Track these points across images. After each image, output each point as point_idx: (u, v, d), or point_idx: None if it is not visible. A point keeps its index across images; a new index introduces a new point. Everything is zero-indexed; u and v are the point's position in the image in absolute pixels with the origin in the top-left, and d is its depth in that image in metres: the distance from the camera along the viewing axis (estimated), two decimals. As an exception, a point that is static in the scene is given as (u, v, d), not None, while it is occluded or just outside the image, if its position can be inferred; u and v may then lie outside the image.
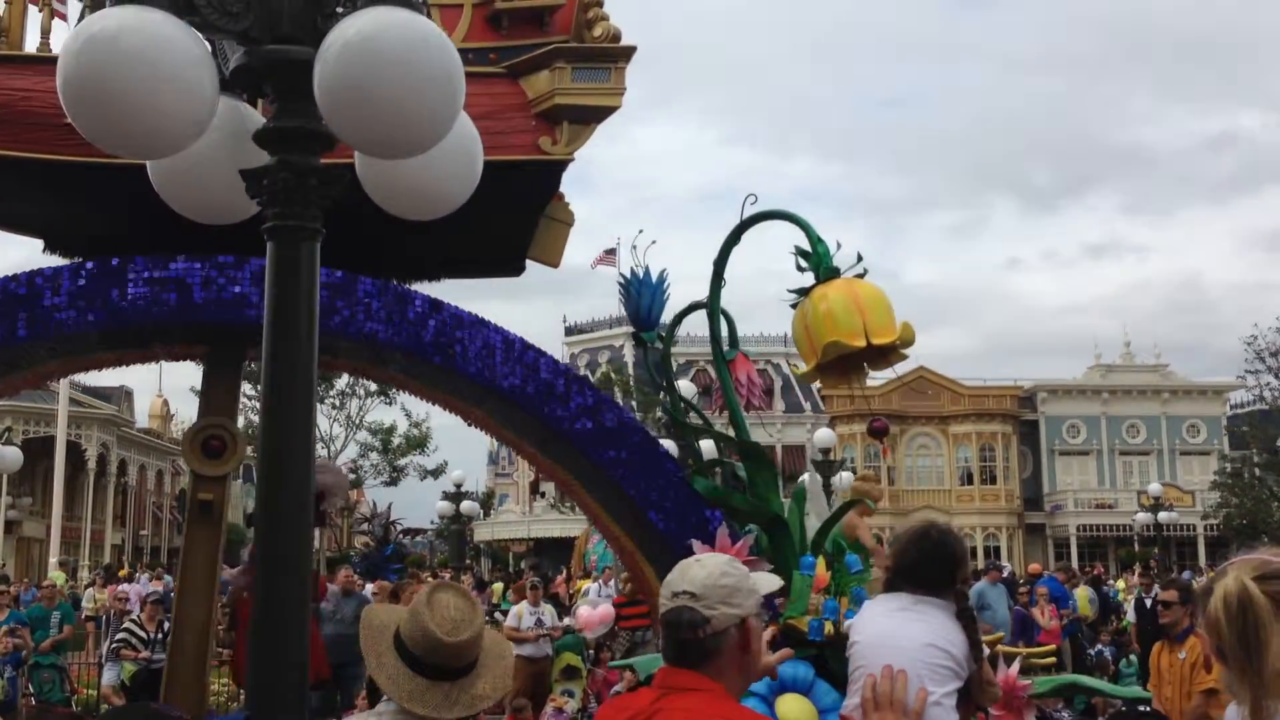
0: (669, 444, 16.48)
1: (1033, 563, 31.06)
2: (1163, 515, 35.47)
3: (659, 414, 41.69)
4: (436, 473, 38.92)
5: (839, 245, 5.91)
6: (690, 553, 5.45)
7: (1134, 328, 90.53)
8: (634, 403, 46.89)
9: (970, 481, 52.34)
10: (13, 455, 16.85)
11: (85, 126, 3.35)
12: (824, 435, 23.83)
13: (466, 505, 34.08)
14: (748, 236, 6.19)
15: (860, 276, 5.88)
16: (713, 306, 6.09)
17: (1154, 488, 39.04)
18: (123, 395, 50.32)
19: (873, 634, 2.99)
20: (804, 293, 5.88)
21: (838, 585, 5.53)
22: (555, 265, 6.72)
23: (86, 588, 23.93)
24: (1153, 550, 37.83)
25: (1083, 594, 17.25)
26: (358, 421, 35.51)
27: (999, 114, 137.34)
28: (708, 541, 5.52)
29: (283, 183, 3.50)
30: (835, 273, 5.80)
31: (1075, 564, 39.38)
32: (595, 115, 6.07)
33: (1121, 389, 54.56)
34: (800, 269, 5.94)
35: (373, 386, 36.54)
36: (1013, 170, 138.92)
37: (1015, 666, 4.86)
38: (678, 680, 2.45)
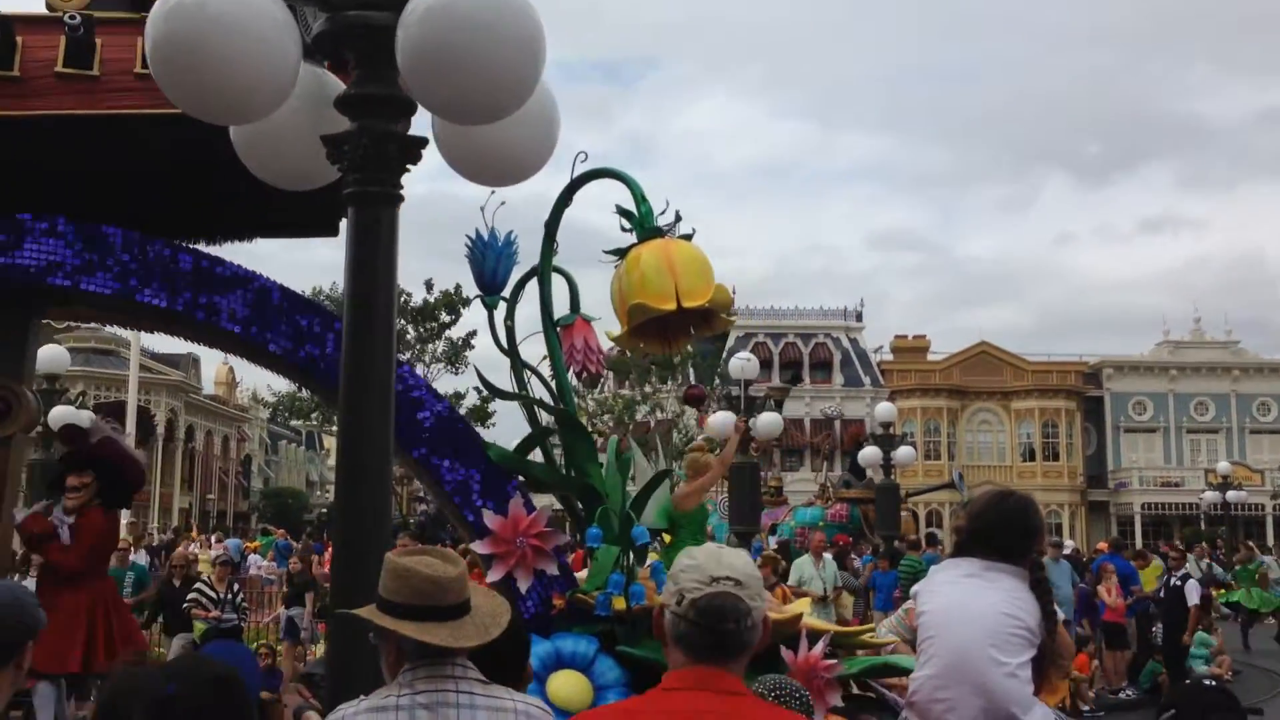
0: (725, 416, 16.54)
1: (1097, 540, 30.64)
2: (1231, 494, 34.76)
3: (716, 385, 41.63)
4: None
5: (667, 208, 5.67)
6: (480, 520, 5.30)
7: (1195, 304, 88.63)
8: (692, 375, 46.86)
9: (1032, 458, 51.73)
10: (85, 418, 17.17)
11: (172, 91, 3.39)
12: (884, 409, 23.59)
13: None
14: (798, 213, 5.99)
15: (688, 238, 5.68)
16: (543, 270, 5.82)
17: (1223, 466, 38.23)
18: (190, 362, 51.27)
19: (943, 603, 2.89)
20: (622, 254, 5.65)
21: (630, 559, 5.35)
22: None
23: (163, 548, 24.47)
24: (1220, 529, 37.17)
25: (1152, 570, 16.96)
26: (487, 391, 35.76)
27: (1048, 87, 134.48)
28: (501, 511, 5.33)
29: (363, 149, 3.52)
30: (657, 232, 5.57)
31: (1139, 542, 38.79)
32: None
33: (1190, 366, 53.56)
34: (624, 229, 5.72)
35: (440, 351, 36.68)
36: (1064, 144, 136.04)
37: (820, 645, 4.71)
38: (721, 681, 2.23)
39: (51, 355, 14.98)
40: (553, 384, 5.91)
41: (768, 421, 17.70)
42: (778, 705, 2.79)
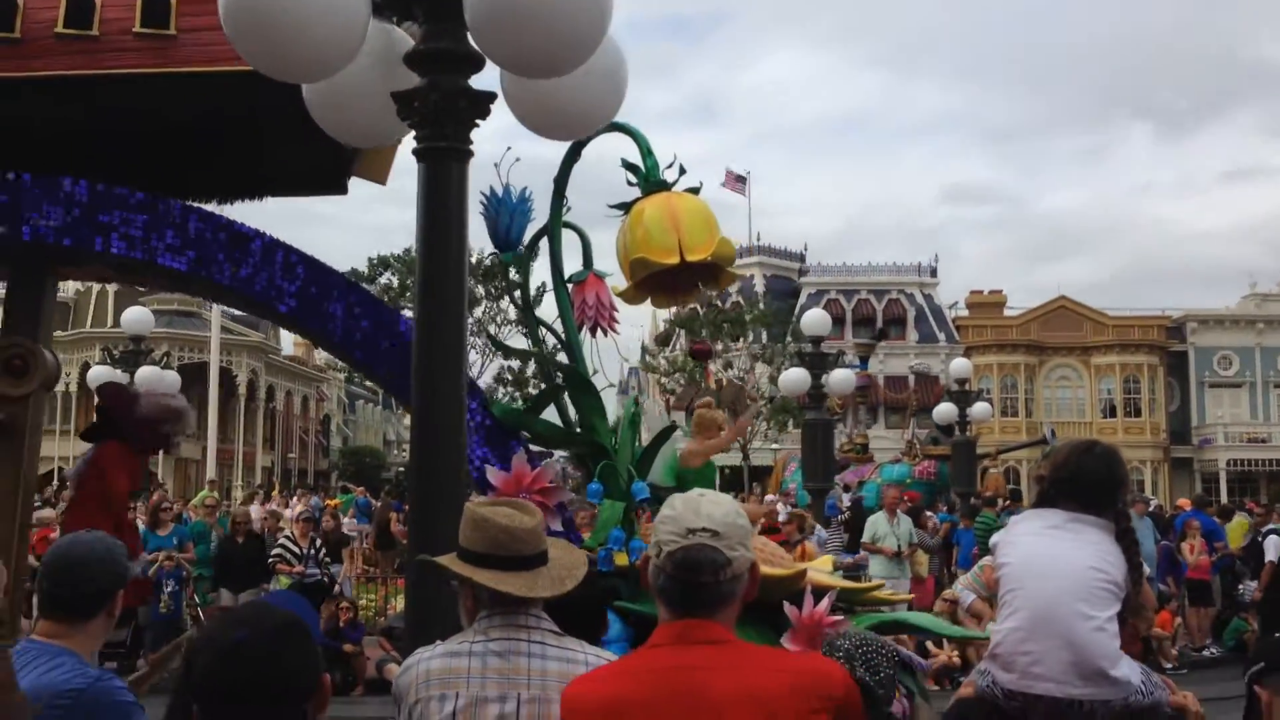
0: (799, 374, 16.44)
1: (1180, 497, 30.07)
2: (1320, 450, 33.82)
3: (788, 342, 41.38)
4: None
5: (674, 162, 5.47)
6: (484, 477, 5.26)
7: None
8: (764, 334, 46.66)
9: (1113, 414, 50.77)
10: (171, 379, 17.64)
11: (244, 49, 3.43)
12: (960, 365, 23.28)
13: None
14: (871, 167, 5.85)
15: (695, 191, 5.55)
16: (553, 227, 5.72)
17: (1312, 422, 37.22)
18: (270, 323, 52.22)
19: (1026, 555, 2.83)
20: (627, 208, 5.55)
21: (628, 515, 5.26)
22: (382, 183, 6.52)
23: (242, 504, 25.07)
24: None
25: (1237, 526, 16.62)
26: (495, 351, 36.02)
27: (1129, 34, 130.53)
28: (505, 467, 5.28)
29: (433, 104, 3.54)
30: (663, 186, 5.44)
31: (1224, 499, 37.97)
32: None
33: (1278, 319, 52.06)
34: (630, 183, 5.61)
35: (511, 314, 36.86)
36: (1144, 92, 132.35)
37: (825, 602, 4.63)
38: (705, 632, 2.20)
39: (137, 317, 15.36)
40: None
41: (840, 378, 17.59)
42: (757, 645, 2.78)
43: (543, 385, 5.88)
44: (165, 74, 5.34)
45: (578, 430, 5.65)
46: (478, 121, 3.66)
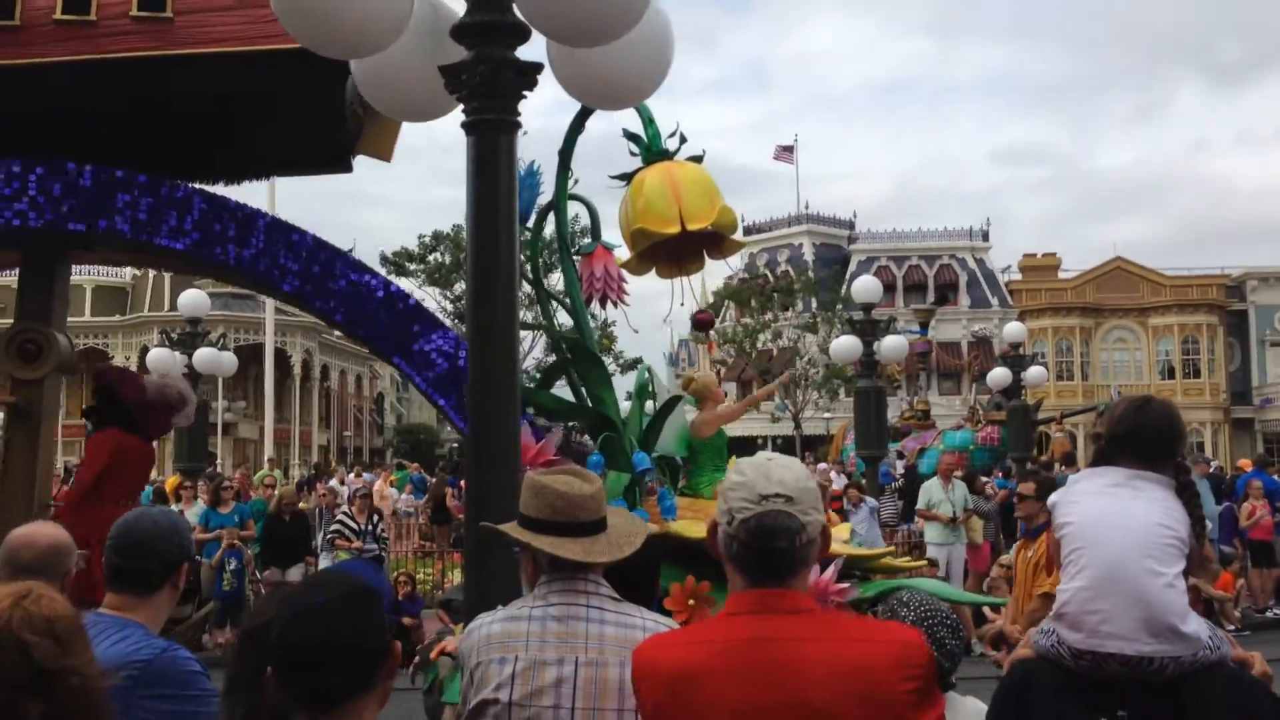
0: (850, 341, 16.34)
1: (1241, 458, 29.58)
2: (1387, 409, 33.09)
3: (839, 309, 41.12)
4: (627, 366, 39.28)
5: (677, 132, 5.34)
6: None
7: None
8: (814, 301, 46.38)
9: (1171, 375, 49.96)
10: (228, 360, 17.88)
11: (292, 27, 3.46)
12: (1014, 329, 23.00)
13: (651, 406, 34.37)
14: (918, 131, 5.72)
15: (697, 160, 5.43)
16: (558, 199, 5.67)
17: (1377, 380, 36.41)
18: (322, 304, 52.75)
19: (1090, 514, 2.79)
20: (629, 178, 5.47)
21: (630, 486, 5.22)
22: (387, 160, 6.49)
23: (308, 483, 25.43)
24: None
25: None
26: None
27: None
28: None
29: (480, 76, 3.54)
30: (664, 155, 5.36)
31: (1287, 461, 37.26)
32: None
33: (1342, 275, 50.93)
34: (632, 153, 5.55)
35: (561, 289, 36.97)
36: (1198, 45, 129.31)
37: (831, 570, 4.54)
38: (786, 601, 2.16)
39: (193, 300, 15.59)
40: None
41: (893, 345, 17.44)
42: (841, 612, 2.76)
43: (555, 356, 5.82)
44: (164, 57, 5.39)
45: (587, 404, 5.63)
46: (525, 93, 3.66)
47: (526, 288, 5.30)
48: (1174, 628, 2.59)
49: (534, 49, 3.74)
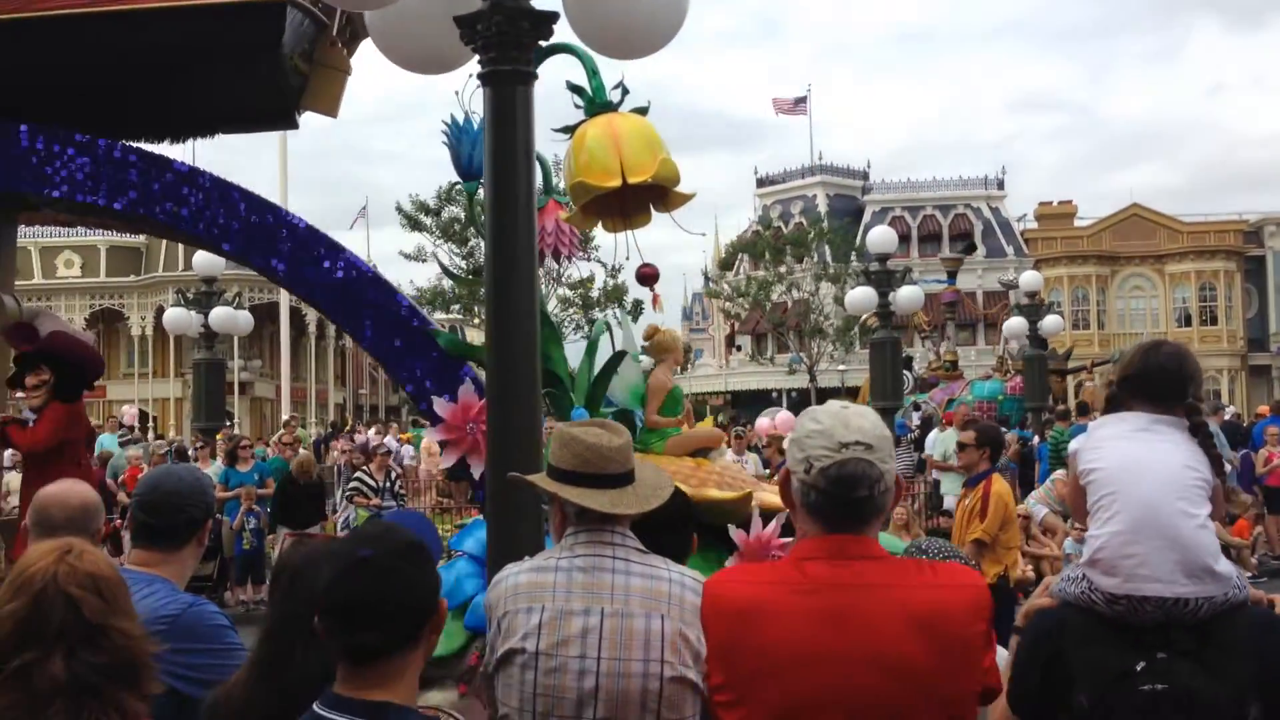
0: (865, 293, 16.29)
1: (1259, 405, 29.48)
2: (1407, 354, 32.87)
3: (854, 263, 40.93)
4: (634, 314, 39.31)
5: (620, 82, 5.12)
6: (432, 409, 5.21)
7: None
8: (828, 252, 46.19)
9: (1189, 323, 49.71)
10: (244, 319, 17.92)
11: (306, -20, 3.41)
12: (1030, 278, 22.86)
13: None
14: (932, 80, 5.61)
15: (642, 111, 5.36)
16: None
17: (1398, 325, 36.15)
18: (335, 262, 52.78)
19: (1119, 459, 2.77)
20: (571, 130, 5.34)
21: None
22: (333, 115, 6.40)
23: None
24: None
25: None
26: (557, 277, 36.20)
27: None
28: (452, 397, 5.22)
29: (496, 27, 3.51)
30: (609, 107, 5.23)
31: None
32: None
33: (1362, 220, 50.45)
34: (576, 105, 5.40)
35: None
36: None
37: (774, 524, 4.53)
38: (862, 547, 2.20)
39: (208, 260, 15.59)
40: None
41: (908, 296, 17.37)
42: (910, 559, 2.77)
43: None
44: (94, 14, 5.36)
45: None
46: (540, 42, 3.63)
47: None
48: (1209, 568, 2.59)
49: (549, -2, 3.70)
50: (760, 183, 57.29)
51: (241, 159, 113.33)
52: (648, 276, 6.67)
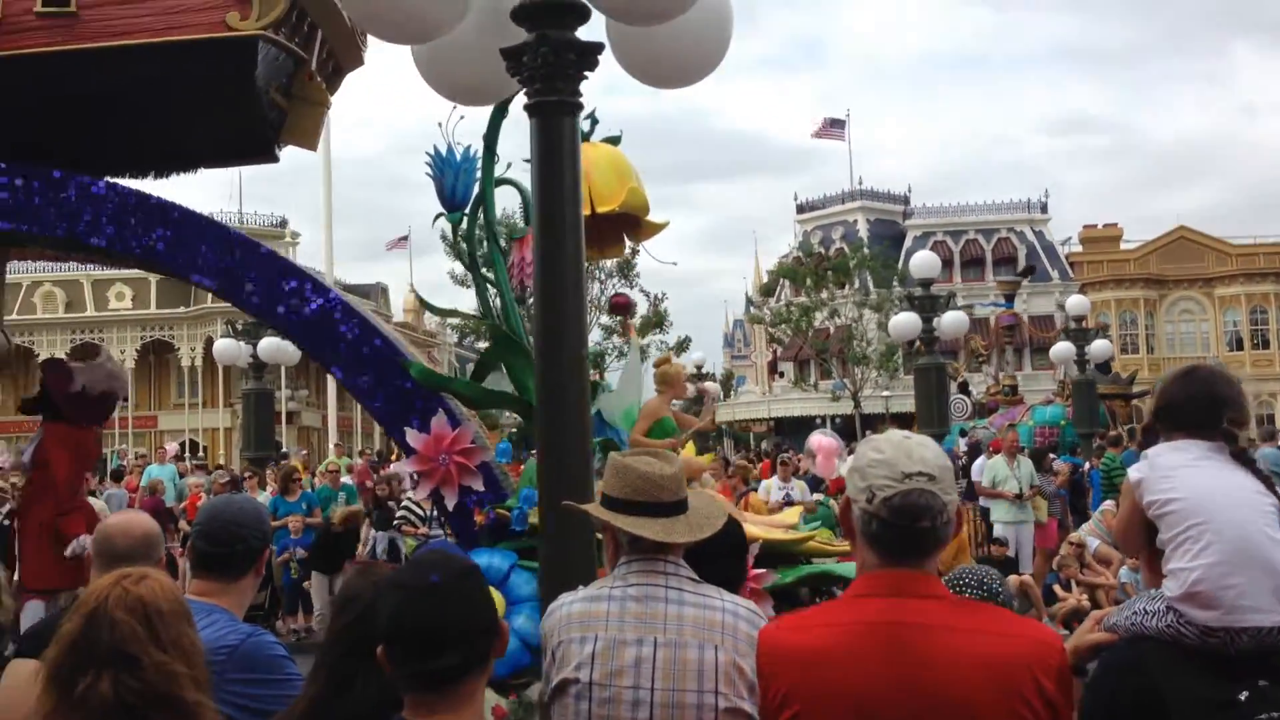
0: (909, 318, 16.19)
1: (1314, 430, 28.91)
2: None
3: (895, 287, 40.68)
4: (680, 348, 39.32)
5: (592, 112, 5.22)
6: (404, 439, 5.19)
7: None
8: (870, 277, 45.98)
9: (1240, 347, 48.92)
10: (292, 349, 18.10)
11: (356, 13, 3.47)
12: (1077, 302, 22.65)
13: (708, 387, 34.44)
14: (971, 105, 5.61)
15: (615, 141, 5.29)
16: (485, 185, 5.58)
17: None
18: (379, 291, 53.28)
19: (1198, 488, 2.68)
20: None
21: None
22: (313, 148, 6.45)
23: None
24: None
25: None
26: (601, 305, 36.33)
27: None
28: (423, 429, 5.22)
29: (542, 58, 3.54)
30: (580, 137, 5.37)
31: (1362, 431, 36.33)
32: None
33: None
34: None
35: (609, 264, 36.91)
36: (1258, 5, 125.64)
37: (749, 558, 4.44)
38: (922, 585, 2.17)
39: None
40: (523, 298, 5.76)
41: (952, 321, 17.26)
42: (977, 602, 2.72)
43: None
44: (69, 52, 5.45)
45: (501, 390, 5.61)
46: (586, 73, 3.65)
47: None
48: None
49: (594, 29, 3.73)
50: (801, 209, 57.22)
51: (284, 190, 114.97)
52: (619, 306, 6.55)
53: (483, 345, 38.36)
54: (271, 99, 5.81)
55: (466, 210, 5.65)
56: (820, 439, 13.43)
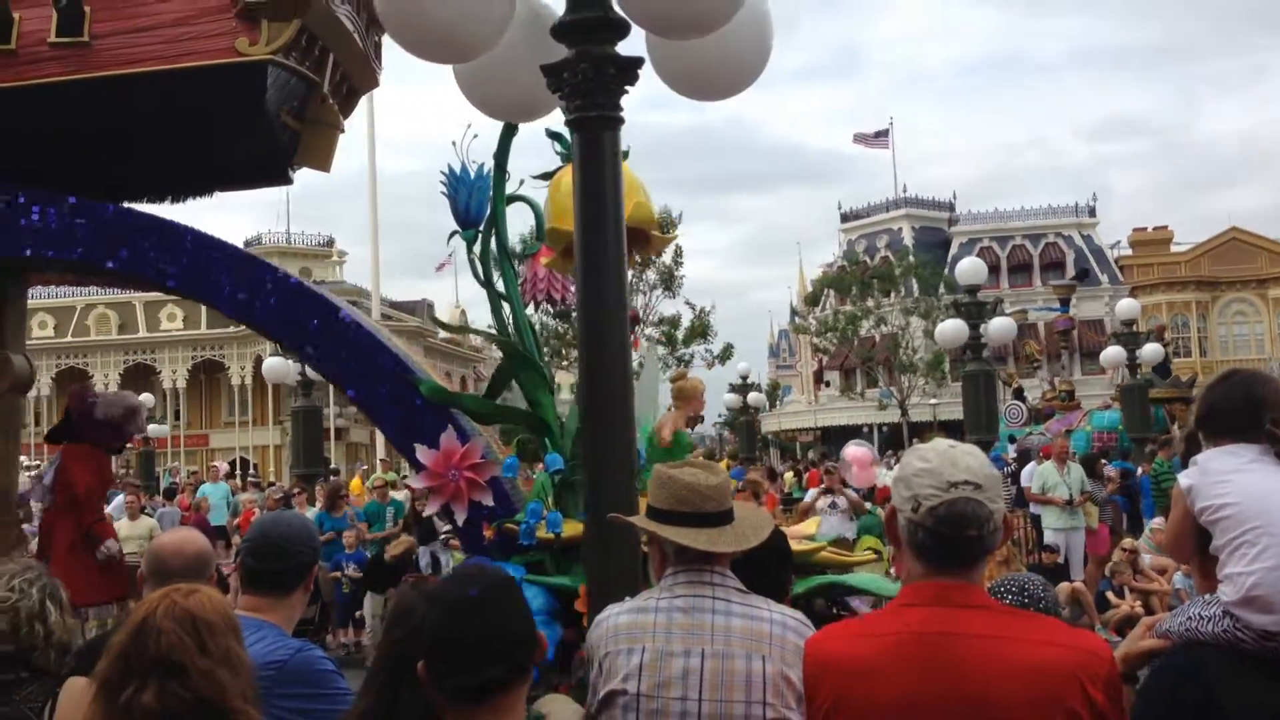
0: (955, 325, 16.06)
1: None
2: None
3: (941, 294, 40.36)
4: (724, 356, 39.24)
5: None
6: (413, 455, 5.21)
7: None
8: (915, 285, 45.68)
9: (1295, 348, 48.09)
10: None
11: (398, 35, 3.52)
12: (1127, 306, 22.34)
13: (754, 397, 34.33)
14: (1010, 108, 5.55)
15: (623, 156, 5.29)
16: (496, 202, 5.58)
17: None
18: (424, 307, 53.65)
19: (1252, 492, 2.64)
20: (550, 176, 5.46)
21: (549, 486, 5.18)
22: (326, 170, 6.46)
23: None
24: None
25: None
26: (645, 317, 36.35)
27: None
28: (433, 444, 5.23)
29: (583, 74, 3.55)
30: None
31: None
32: (291, 9, 5.57)
33: None
34: (557, 152, 5.51)
35: (652, 276, 36.88)
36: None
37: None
38: (966, 596, 2.16)
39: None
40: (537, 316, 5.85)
41: (1000, 327, 17.11)
42: (1023, 611, 2.70)
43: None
44: (82, 80, 5.55)
45: (512, 405, 5.64)
46: (626, 88, 3.67)
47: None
48: None
49: (633, 44, 3.75)
50: (844, 217, 57.01)
51: (334, 199, 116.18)
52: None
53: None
54: (283, 122, 5.90)
55: (480, 228, 5.71)
56: (854, 450, 13.32)
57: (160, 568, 3.05)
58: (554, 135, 5.61)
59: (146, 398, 33.36)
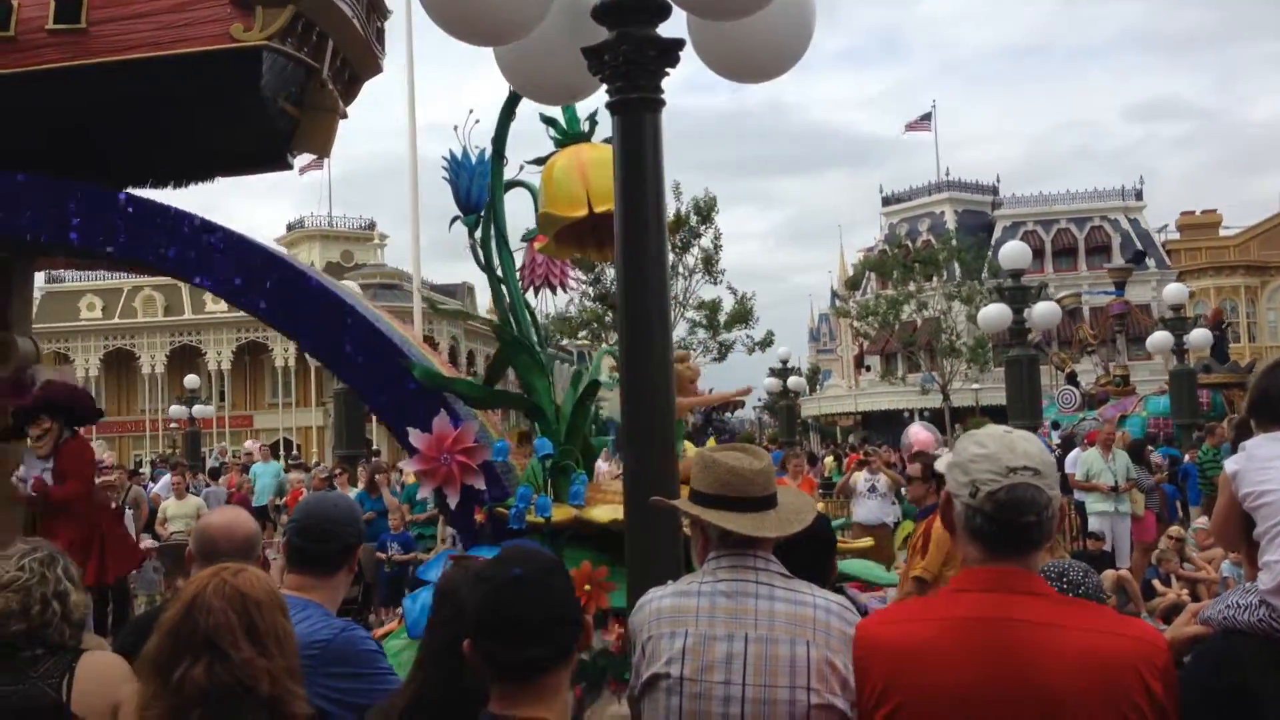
0: (999, 309, 15.89)
1: None
2: None
3: (984, 278, 39.98)
4: (764, 344, 39.12)
5: (594, 113, 5.29)
6: (406, 439, 5.19)
7: None
8: (958, 269, 45.28)
9: (1347, 334, 47.25)
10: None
11: (439, 18, 3.52)
12: (1174, 290, 22.02)
13: (794, 381, 34.22)
14: (1051, 91, 5.47)
15: (609, 141, 5.26)
16: (494, 188, 5.57)
17: None
18: (465, 290, 53.88)
19: None
20: (543, 161, 5.41)
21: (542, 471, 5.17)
22: (325, 155, 6.44)
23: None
24: None
25: None
26: (685, 301, 36.26)
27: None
28: (425, 428, 5.22)
29: (624, 56, 3.54)
30: (581, 138, 5.28)
31: None
32: None
33: None
34: (551, 137, 5.48)
35: (693, 261, 36.77)
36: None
37: None
38: (1024, 582, 2.16)
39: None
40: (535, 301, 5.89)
41: (1044, 312, 16.94)
42: (1079, 599, 2.67)
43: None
44: (79, 67, 5.59)
45: (504, 390, 5.73)
46: (667, 70, 3.65)
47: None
48: None
49: (674, 26, 3.73)
50: (886, 201, 56.60)
51: (377, 183, 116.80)
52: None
53: (566, 342, 38.89)
54: (281, 107, 5.93)
55: (481, 213, 5.73)
56: (918, 432, 13.22)
57: (209, 548, 3.09)
58: (547, 120, 5.63)
59: (191, 379, 33.86)
